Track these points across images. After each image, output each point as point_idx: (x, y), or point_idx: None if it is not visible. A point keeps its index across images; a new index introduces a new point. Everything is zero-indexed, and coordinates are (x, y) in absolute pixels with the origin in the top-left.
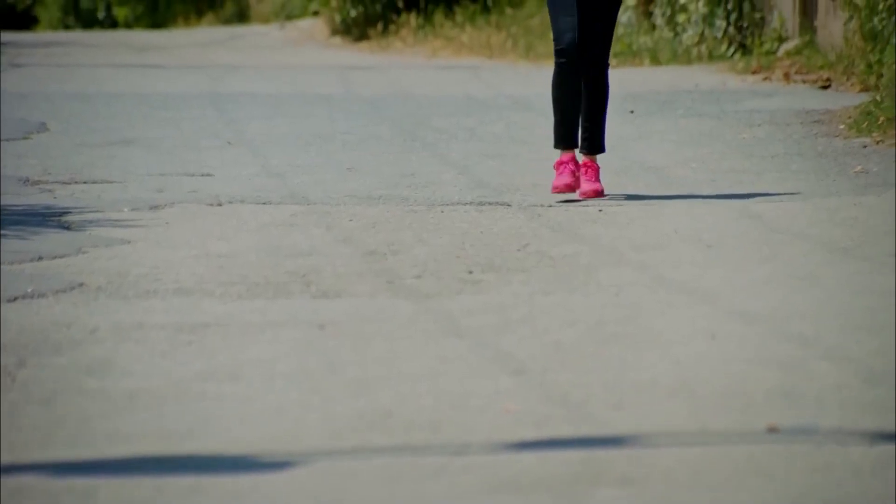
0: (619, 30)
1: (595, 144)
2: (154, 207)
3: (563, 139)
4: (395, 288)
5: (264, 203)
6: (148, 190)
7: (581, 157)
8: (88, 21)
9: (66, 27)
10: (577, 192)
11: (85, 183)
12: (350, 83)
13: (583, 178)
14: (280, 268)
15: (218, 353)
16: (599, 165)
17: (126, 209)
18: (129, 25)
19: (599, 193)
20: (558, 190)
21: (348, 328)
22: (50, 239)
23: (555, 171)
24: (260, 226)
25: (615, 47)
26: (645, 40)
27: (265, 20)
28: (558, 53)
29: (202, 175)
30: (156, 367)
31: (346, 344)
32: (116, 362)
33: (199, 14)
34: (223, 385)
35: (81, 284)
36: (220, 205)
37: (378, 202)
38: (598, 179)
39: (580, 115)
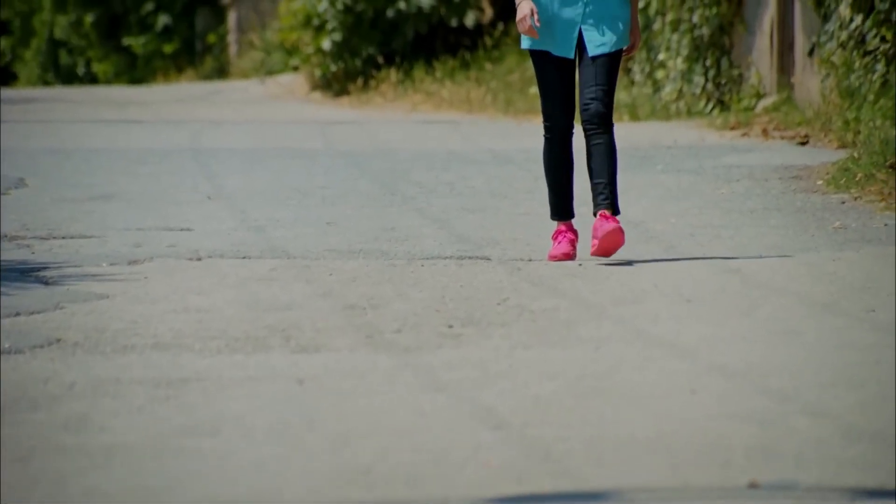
0: None
1: (612, 203)
2: (133, 262)
3: (559, 211)
4: (375, 342)
5: (244, 257)
6: (126, 244)
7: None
8: (68, 77)
9: (46, 83)
10: (602, 245)
11: (63, 238)
12: (330, 138)
13: (602, 228)
14: (259, 322)
15: (196, 409)
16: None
17: (104, 264)
18: (108, 81)
19: (621, 238)
20: (556, 259)
21: (328, 383)
22: (27, 294)
23: (552, 241)
24: (239, 280)
25: None
26: (624, 96)
27: (245, 76)
28: (547, 129)
29: (181, 229)
30: (134, 422)
31: (326, 399)
32: (94, 418)
33: (179, 70)
34: (202, 440)
35: (59, 340)
36: (199, 259)
37: (358, 256)
38: (621, 231)
39: (589, 176)
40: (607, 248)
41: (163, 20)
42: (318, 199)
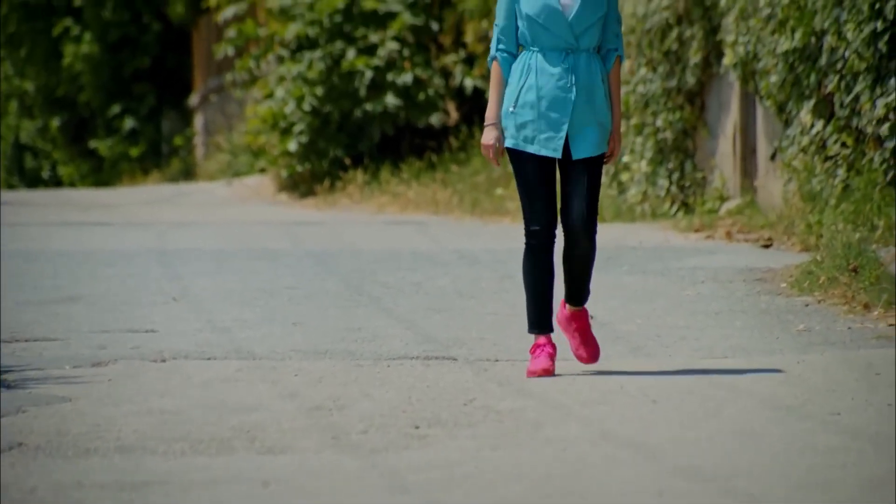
0: None
1: (582, 300)
2: (96, 364)
3: (538, 324)
4: (341, 443)
5: (209, 358)
6: (90, 347)
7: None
8: (33, 180)
9: (10, 186)
10: (580, 359)
11: (27, 341)
12: (297, 238)
13: (577, 342)
14: (224, 423)
15: None
16: (588, 311)
17: (68, 367)
18: (73, 184)
19: (597, 357)
20: (535, 374)
21: (293, 484)
22: None
23: (530, 354)
24: (204, 381)
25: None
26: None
27: (212, 178)
28: (529, 235)
29: (146, 331)
30: None
31: (291, 501)
32: None
33: (145, 172)
34: None
35: (20, 444)
36: (163, 361)
37: (324, 357)
38: (592, 341)
39: (564, 276)
40: (589, 358)
41: (129, 123)
42: (284, 300)
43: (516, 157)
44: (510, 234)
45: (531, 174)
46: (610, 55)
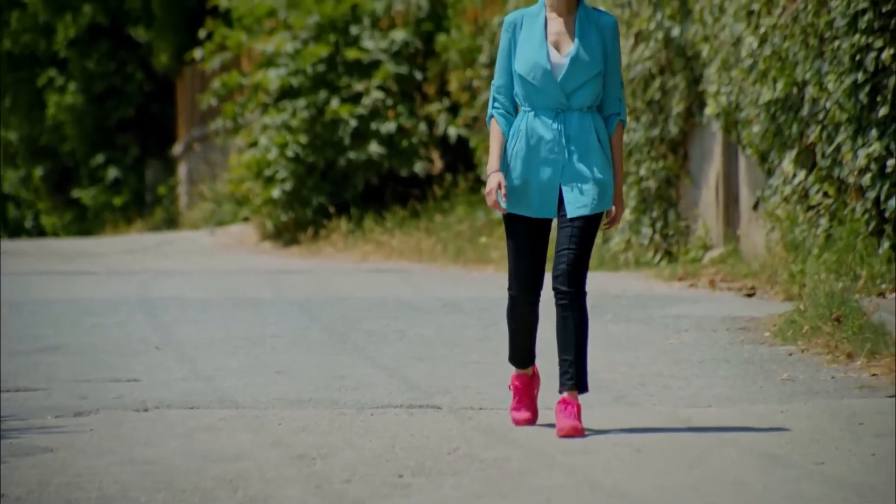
0: None
1: (577, 381)
2: (78, 414)
3: (517, 361)
4: (324, 492)
5: (192, 407)
6: (72, 397)
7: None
8: (15, 230)
9: None
10: (557, 429)
11: (8, 391)
12: (280, 287)
13: (561, 415)
14: (206, 473)
15: None
16: (581, 403)
17: (49, 416)
18: (56, 234)
19: (579, 432)
20: (519, 424)
21: None
22: None
23: (511, 390)
24: (187, 430)
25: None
26: None
27: (195, 226)
28: (511, 298)
29: (128, 380)
30: None
31: None
32: None
33: (129, 221)
34: None
35: (2, 496)
36: (146, 410)
37: (307, 405)
38: (578, 417)
39: (557, 349)
40: (566, 435)
41: (113, 173)
42: (267, 348)
43: (508, 218)
44: (494, 282)
45: (522, 236)
46: (612, 120)
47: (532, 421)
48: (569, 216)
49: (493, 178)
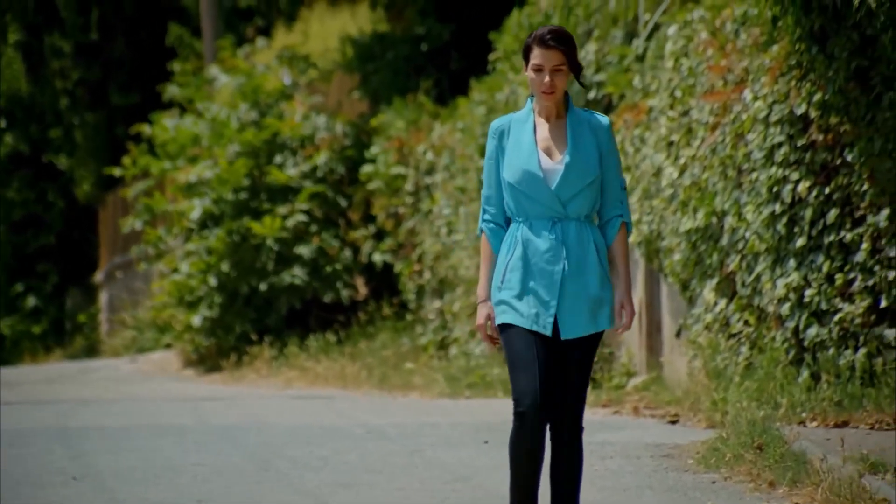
0: (472, 361)
1: None
2: None
3: None
4: None
5: None
6: None
7: None
8: None
9: None
10: None
11: None
12: (202, 414)
13: None
14: None
15: None
16: None
17: None
18: None
19: None
20: None
21: None
22: None
23: None
24: None
25: (469, 377)
26: (499, 372)
27: (116, 354)
28: (517, 416)
29: None
30: None
31: None
32: None
33: (47, 350)
34: None
35: None
36: None
37: None
38: None
39: (550, 484)
40: None
41: (32, 302)
42: (189, 477)
43: (504, 330)
44: (419, 409)
45: (520, 347)
46: (614, 222)
47: None
48: (563, 337)
49: (482, 311)
